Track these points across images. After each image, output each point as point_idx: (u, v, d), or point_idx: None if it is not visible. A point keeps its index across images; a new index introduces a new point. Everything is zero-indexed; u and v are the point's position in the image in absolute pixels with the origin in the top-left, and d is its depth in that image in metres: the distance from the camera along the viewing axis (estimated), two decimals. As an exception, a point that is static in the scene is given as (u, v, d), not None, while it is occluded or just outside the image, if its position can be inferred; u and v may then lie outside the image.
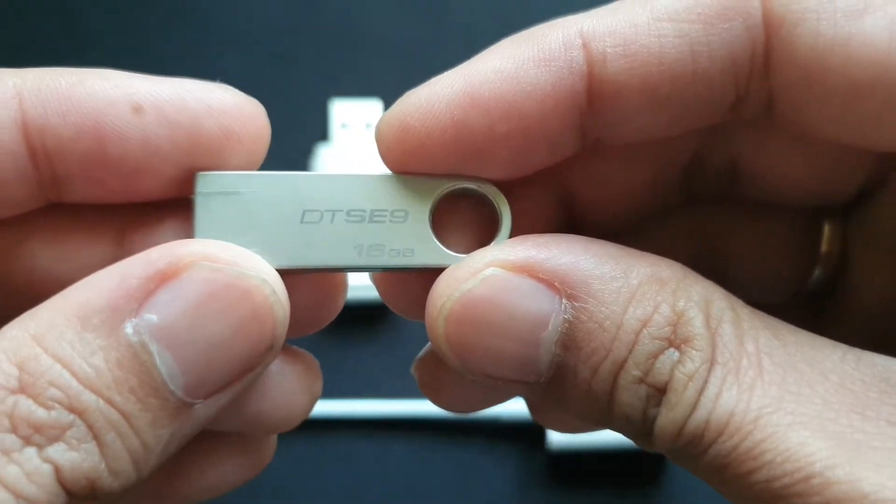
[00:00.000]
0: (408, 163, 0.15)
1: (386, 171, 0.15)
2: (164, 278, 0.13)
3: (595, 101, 0.14)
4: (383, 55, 0.33)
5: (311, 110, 0.32)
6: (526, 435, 0.28)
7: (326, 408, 0.28)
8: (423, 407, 0.28)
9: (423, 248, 0.15)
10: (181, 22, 0.34)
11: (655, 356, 0.13)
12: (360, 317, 0.29)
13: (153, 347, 0.12)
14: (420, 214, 0.15)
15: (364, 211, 0.15)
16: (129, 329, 0.12)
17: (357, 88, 0.32)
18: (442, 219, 0.15)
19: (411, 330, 0.29)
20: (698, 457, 0.13)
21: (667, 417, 0.13)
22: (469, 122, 0.14)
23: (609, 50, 0.14)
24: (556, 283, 0.14)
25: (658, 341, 0.13)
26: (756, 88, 0.14)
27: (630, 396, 0.13)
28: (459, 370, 0.14)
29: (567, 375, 0.14)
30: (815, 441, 0.13)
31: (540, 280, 0.14)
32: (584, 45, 0.14)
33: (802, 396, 0.13)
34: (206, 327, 0.13)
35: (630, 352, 0.13)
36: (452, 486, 0.28)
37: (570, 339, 0.14)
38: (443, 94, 0.14)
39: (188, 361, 0.13)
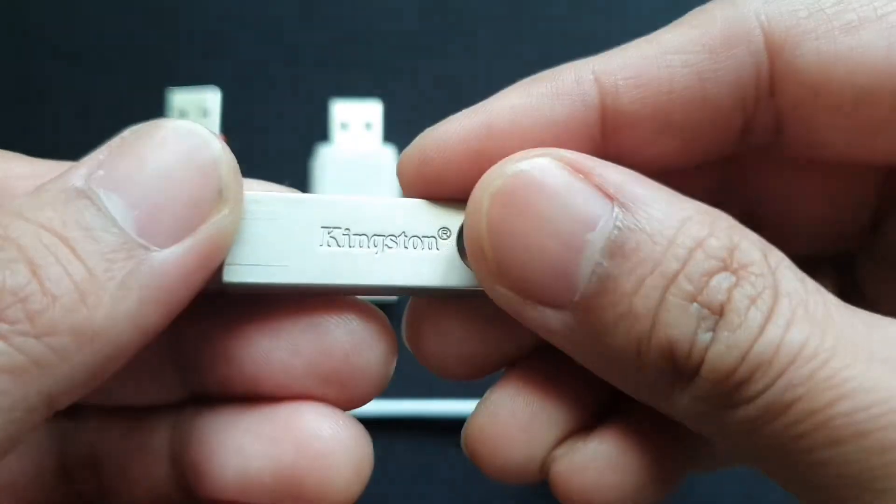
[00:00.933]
0: (426, 192, 0.15)
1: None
2: (112, 147, 0.13)
3: (609, 132, 0.15)
4: (383, 55, 0.33)
5: (311, 110, 0.32)
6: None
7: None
8: (423, 407, 0.28)
9: (450, 270, 0.15)
10: (183, 21, 0.34)
11: (711, 275, 0.12)
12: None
13: (100, 191, 0.12)
14: (448, 238, 0.15)
15: (393, 234, 0.15)
16: (77, 181, 0.12)
17: (357, 88, 0.32)
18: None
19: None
20: (750, 401, 0.12)
21: (727, 341, 0.12)
22: (485, 151, 0.14)
23: (621, 82, 0.14)
24: (610, 191, 0.13)
25: (714, 261, 0.13)
26: (763, 110, 0.15)
27: (678, 315, 0.12)
28: (489, 274, 0.14)
29: (607, 290, 0.13)
30: None
31: (595, 184, 0.13)
32: (597, 80, 0.15)
33: (875, 340, 0.12)
34: (148, 161, 0.13)
35: (683, 266, 0.13)
36: (453, 485, 0.28)
37: (617, 248, 0.13)
38: (460, 127, 0.15)
39: (135, 196, 0.13)
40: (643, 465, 0.15)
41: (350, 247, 0.15)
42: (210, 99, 0.31)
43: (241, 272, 0.14)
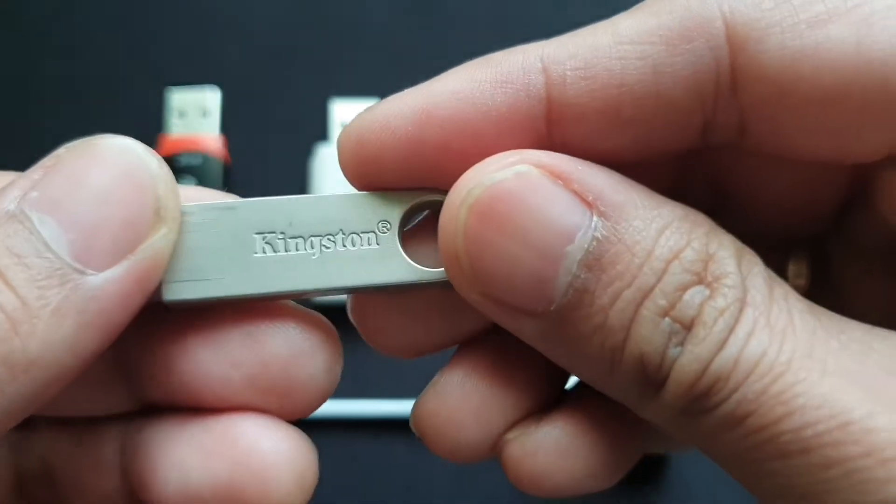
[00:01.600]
0: (365, 176, 0.15)
1: (349, 191, 0.15)
2: (47, 167, 0.13)
3: (555, 124, 0.14)
4: (383, 55, 0.33)
5: (311, 110, 0.32)
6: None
7: (325, 408, 0.28)
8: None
9: (394, 264, 0.14)
10: (183, 20, 0.34)
11: (685, 289, 0.13)
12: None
13: (32, 214, 0.12)
14: (388, 231, 0.14)
15: (330, 232, 0.14)
16: (9, 205, 0.12)
17: (357, 88, 0.32)
18: (412, 235, 0.15)
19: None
20: (713, 410, 0.12)
21: (691, 354, 0.12)
22: (424, 137, 0.14)
23: (569, 73, 0.13)
24: (589, 198, 0.13)
25: (689, 274, 0.13)
26: (724, 108, 0.14)
27: (651, 330, 0.13)
28: (464, 282, 0.14)
29: (583, 303, 0.13)
30: (850, 389, 0.12)
31: (574, 191, 0.13)
32: (544, 69, 0.14)
33: (834, 350, 0.12)
34: (84, 182, 0.12)
35: (658, 280, 0.13)
36: (453, 485, 0.28)
37: (595, 260, 0.13)
38: (399, 110, 0.14)
39: (70, 219, 0.12)
40: (595, 451, 0.15)
41: (287, 251, 0.14)
42: (210, 98, 0.31)
43: (179, 289, 0.14)
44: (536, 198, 0.13)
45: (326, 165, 0.30)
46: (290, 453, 0.14)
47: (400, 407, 0.28)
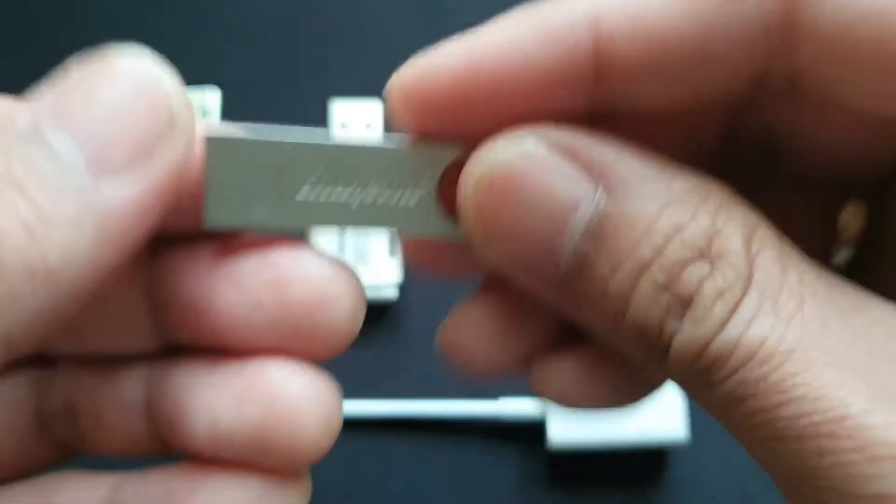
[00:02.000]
0: (413, 123, 0.15)
1: (394, 141, 0.15)
2: (59, 84, 0.13)
3: (603, 79, 0.14)
4: (383, 56, 0.33)
5: (311, 110, 0.32)
6: (526, 435, 0.28)
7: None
8: (423, 407, 0.28)
9: (429, 218, 0.15)
10: (183, 20, 0.34)
11: (684, 265, 0.13)
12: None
13: (46, 129, 0.12)
14: (426, 186, 0.15)
15: (371, 180, 0.15)
16: (23, 121, 0.12)
17: (357, 89, 0.32)
18: (451, 192, 0.15)
19: (412, 331, 0.30)
20: (716, 385, 0.13)
21: (690, 333, 0.13)
22: (468, 91, 0.14)
23: (617, 27, 0.13)
24: (594, 171, 0.13)
25: (690, 250, 0.13)
26: (777, 64, 0.14)
27: (649, 303, 0.13)
28: (479, 248, 0.14)
29: (585, 272, 0.13)
30: (852, 383, 0.12)
31: (580, 165, 0.13)
32: (592, 23, 0.13)
33: (844, 339, 0.12)
34: (97, 96, 0.12)
35: (657, 255, 0.13)
36: (453, 486, 0.28)
37: (596, 231, 0.13)
38: (444, 63, 0.14)
39: (84, 132, 0.12)
40: (617, 378, 0.16)
41: (330, 189, 0.15)
42: (209, 98, 0.31)
43: (217, 213, 0.14)
44: (541, 174, 0.13)
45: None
46: (317, 397, 0.15)
47: (401, 407, 0.28)
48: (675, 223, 0.13)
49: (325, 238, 0.29)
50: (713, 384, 0.13)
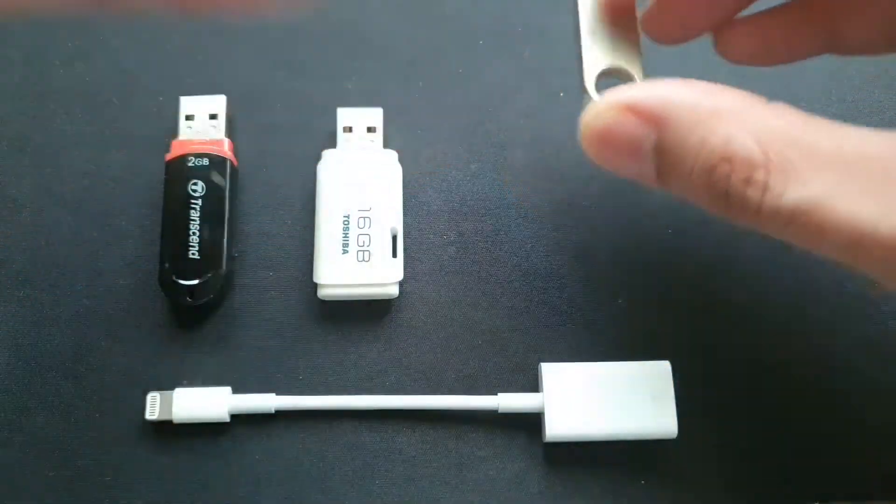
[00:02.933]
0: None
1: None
2: None
3: None
4: (384, 68, 0.34)
5: (318, 117, 0.33)
6: (524, 426, 0.29)
7: (331, 402, 0.29)
8: (424, 401, 0.29)
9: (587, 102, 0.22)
10: (189, 27, 0.34)
11: (714, 167, 0.19)
12: (363, 313, 0.30)
13: None
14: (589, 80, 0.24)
15: None
16: None
17: (360, 98, 0.33)
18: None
19: (413, 327, 0.30)
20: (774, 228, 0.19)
21: (738, 210, 0.19)
22: None
23: None
24: (648, 117, 0.20)
25: (714, 156, 0.19)
26: None
27: (704, 191, 0.20)
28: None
29: (661, 171, 0.21)
30: (857, 196, 0.18)
31: (638, 115, 0.20)
32: None
33: (851, 169, 0.18)
34: None
35: (694, 164, 0.19)
36: (453, 475, 0.28)
37: (659, 152, 0.20)
38: None
39: None
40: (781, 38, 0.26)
41: None
42: (217, 104, 0.32)
43: None
44: (615, 129, 0.21)
45: (329, 166, 0.31)
46: None
47: (401, 402, 0.29)
48: (698, 140, 0.19)
49: (329, 237, 0.29)
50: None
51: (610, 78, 0.24)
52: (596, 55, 0.24)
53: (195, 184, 0.30)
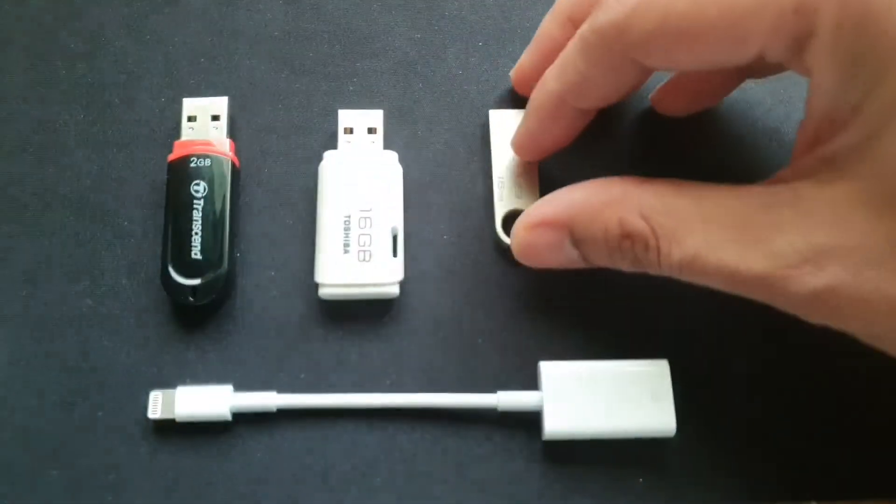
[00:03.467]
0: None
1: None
2: None
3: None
4: (384, 69, 0.34)
5: (319, 119, 0.33)
6: (523, 424, 0.29)
7: (332, 400, 0.29)
8: (424, 399, 0.29)
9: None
10: (192, 28, 0.35)
11: (619, 245, 0.25)
12: (364, 313, 0.30)
13: None
14: None
15: None
16: None
17: (361, 100, 0.33)
18: None
19: (413, 327, 0.30)
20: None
21: (647, 268, 0.25)
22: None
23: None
24: (558, 225, 0.26)
25: (616, 238, 0.25)
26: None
27: (620, 261, 0.25)
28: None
29: (585, 254, 0.26)
30: (727, 243, 0.22)
31: (550, 226, 0.26)
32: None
33: (712, 225, 0.23)
34: None
35: (604, 246, 0.25)
36: (453, 473, 0.29)
37: (576, 244, 0.26)
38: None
39: None
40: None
41: None
42: (219, 106, 0.32)
43: None
44: (536, 239, 0.27)
45: (330, 167, 0.31)
46: None
47: (402, 400, 0.29)
48: (601, 228, 0.25)
49: (330, 238, 0.30)
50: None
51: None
52: (504, 202, 0.31)
53: (197, 184, 0.30)
